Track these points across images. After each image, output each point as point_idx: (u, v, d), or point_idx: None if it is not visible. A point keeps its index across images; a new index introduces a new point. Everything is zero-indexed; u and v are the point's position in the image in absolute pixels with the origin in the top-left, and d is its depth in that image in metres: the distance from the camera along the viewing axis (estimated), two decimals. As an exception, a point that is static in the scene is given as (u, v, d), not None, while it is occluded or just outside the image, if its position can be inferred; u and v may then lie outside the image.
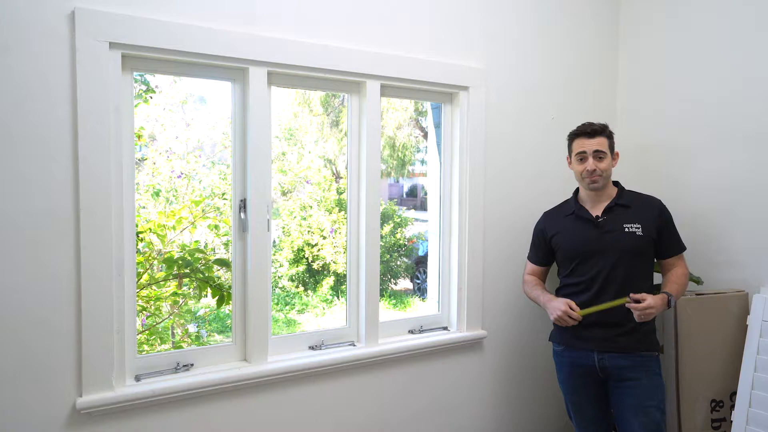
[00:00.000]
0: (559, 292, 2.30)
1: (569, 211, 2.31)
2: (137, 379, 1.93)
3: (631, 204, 2.22)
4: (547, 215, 2.42)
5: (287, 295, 6.19)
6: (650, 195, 2.31)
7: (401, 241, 6.63)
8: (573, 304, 2.13)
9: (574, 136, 2.27)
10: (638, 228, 2.16)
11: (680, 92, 2.74)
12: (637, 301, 2.04)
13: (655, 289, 2.18)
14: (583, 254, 2.21)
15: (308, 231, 6.13)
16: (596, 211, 2.24)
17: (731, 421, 2.34)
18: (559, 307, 2.13)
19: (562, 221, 2.32)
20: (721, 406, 2.48)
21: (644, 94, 2.90)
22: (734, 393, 2.42)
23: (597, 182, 2.20)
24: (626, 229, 2.17)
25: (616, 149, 2.28)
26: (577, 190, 2.35)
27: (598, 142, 2.19)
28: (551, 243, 2.34)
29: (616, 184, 2.31)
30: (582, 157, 2.21)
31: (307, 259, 6.12)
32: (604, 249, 2.17)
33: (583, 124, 2.25)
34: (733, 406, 2.43)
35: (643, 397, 2.11)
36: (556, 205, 2.43)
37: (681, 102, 2.73)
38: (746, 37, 2.49)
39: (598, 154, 2.18)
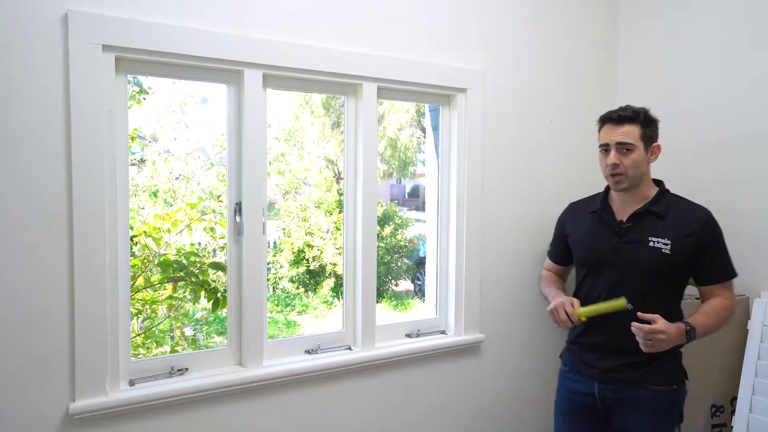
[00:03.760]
0: None
1: (594, 207, 1.97)
2: (131, 383, 1.91)
3: (667, 213, 1.84)
4: (572, 207, 2.11)
5: (287, 297, 6.18)
6: (699, 205, 1.89)
7: (402, 243, 6.62)
8: (576, 302, 1.85)
9: (600, 122, 1.90)
10: (666, 244, 1.79)
11: (680, 93, 2.72)
12: (647, 323, 1.68)
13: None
14: (595, 265, 1.90)
15: (307, 232, 6.13)
16: (623, 214, 1.89)
17: (731, 427, 2.32)
18: (562, 301, 1.85)
19: (583, 219, 2.01)
20: (721, 411, 2.45)
21: (644, 95, 2.87)
22: (735, 398, 2.40)
23: (620, 182, 1.83)
24: (651, 244, 1.80)
25: (658, 141, 1.88)
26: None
27: (626, 132, 1.80)
28: (567, 241, 2.06)
29: (658, 183, 1.94)
30: (605, 149, 1.86)
31: (307, 260, 6.11)
32: (619, 263, 1.84)
33: (615, 109, 1.87)
34: (733, 412, 2.40)
35: None
36: (587, 196, 2.10)
37: (681, 103, 2.71)
38: (748, 36, 2.47)
39: (623, 146, 1.80)
